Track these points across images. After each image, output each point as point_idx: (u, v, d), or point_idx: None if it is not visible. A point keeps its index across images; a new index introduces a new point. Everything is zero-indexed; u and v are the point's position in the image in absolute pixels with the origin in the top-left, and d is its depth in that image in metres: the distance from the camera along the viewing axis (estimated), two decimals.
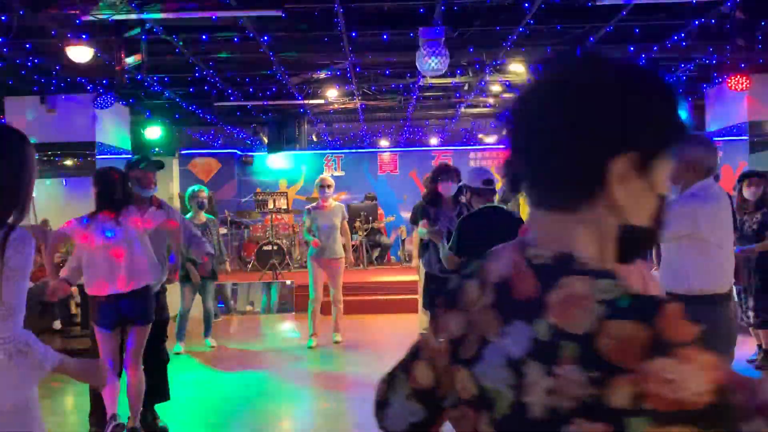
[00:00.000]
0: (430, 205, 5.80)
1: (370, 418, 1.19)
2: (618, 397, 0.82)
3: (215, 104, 11.57)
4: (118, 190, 4.54)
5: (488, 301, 0.98)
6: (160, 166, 5.21)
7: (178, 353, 7.79)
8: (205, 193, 8.08)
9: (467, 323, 1.00)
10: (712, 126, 10.90)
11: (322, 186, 8.09)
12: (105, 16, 6.69)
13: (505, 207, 5.28)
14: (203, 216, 8.07)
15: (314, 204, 8.32)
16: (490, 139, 16.65)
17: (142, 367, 4.68)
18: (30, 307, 4.08)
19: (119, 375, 4.64)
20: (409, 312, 9.26)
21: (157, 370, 5.11)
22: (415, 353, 1.11)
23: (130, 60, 7.51)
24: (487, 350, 0.96)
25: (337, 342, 8.24)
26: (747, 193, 6.42)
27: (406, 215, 13.56)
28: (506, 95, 11.83)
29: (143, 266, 4.55)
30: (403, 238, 14.34)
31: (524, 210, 14.65)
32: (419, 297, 8.52)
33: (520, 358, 0.91)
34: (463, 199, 5.64)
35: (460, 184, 5.29)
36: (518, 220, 4.79)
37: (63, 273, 4.61)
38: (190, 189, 8.10)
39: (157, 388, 5.12)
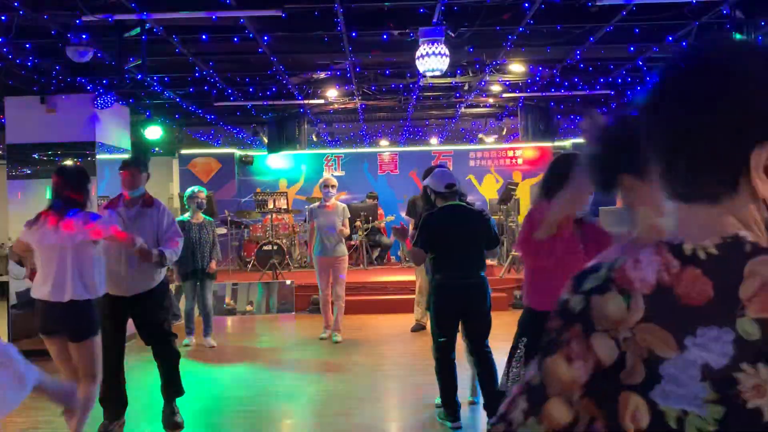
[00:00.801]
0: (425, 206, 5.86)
1: (370, 418, 1.18)
2: None
3: (215, 104, 11.58)
4: (61, 191, 4.33)
5: (641, 314, 0.87)
6: (136, 164, 5.14)
7: (187, 346, 8.04)
8: (203, 194, 8.17)
9: (619, 345, 0.88)
10: None
11: (326, 186, 8.15)
12: (105, 16, 6.70)
13: (496, 207, 5.42)
14: (201, 216, 8.15)
15: (317, 204, 8.36)
16: (490, 139, 16.65)
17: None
18: (28, 309, 4.06)
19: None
20: (410, 312, 9.26)
21: (170, 366, 5.20)
22: (541, 391, 0.95)
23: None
24: (664, 369, 0.86)
25: (337, 342, 8.25)
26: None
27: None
28: (506, 95, 11.84)
29: (66, 278, 4.25)
30: None
31: (524, 210, 14.65)
32: (416, 296, 8.62)
33: (725, 366, 0.83)
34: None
35: (425, 184, 5.37)
36: (478, 214, 5.08)
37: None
38: (189, 189, 8.20)
39: (173, 384, 5.23)
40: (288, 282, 11.14)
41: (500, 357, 5.37)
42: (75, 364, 4.34)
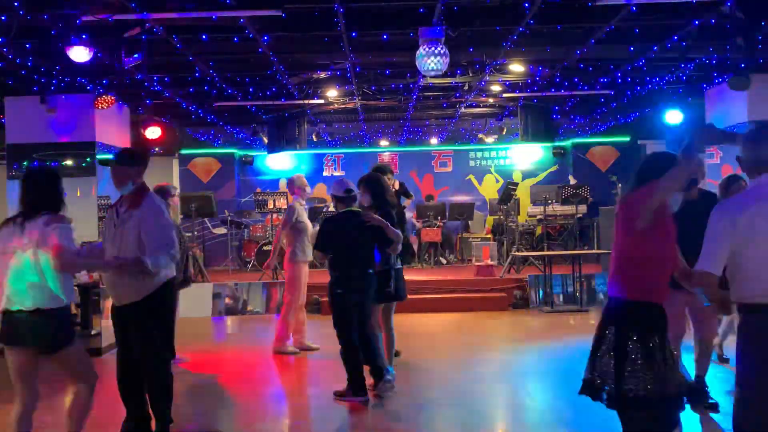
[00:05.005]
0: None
1: (371, 418, 1.18)
2: None
3: (215, 104, 11.58)
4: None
5: None
6: (117, 159, 4.59)
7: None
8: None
9: None
10: None
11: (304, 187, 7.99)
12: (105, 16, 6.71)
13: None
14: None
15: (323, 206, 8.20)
16: (490, 139, 16.65)
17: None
18: None
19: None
20: (409, 312, 9.25)
21: (154, 393, 4.59)
22: None
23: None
24: None
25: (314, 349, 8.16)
26: None
27: (407, 214, 13.52)
28: (506, 95, 11.85)
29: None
30: None
31: (524, 210, 14.65)
32: None
33: None
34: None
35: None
36: (372, 226, 5.60)
37: None
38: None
39: (158, 414, 4.58)
40: None
41: (499, 358, 5.40)
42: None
